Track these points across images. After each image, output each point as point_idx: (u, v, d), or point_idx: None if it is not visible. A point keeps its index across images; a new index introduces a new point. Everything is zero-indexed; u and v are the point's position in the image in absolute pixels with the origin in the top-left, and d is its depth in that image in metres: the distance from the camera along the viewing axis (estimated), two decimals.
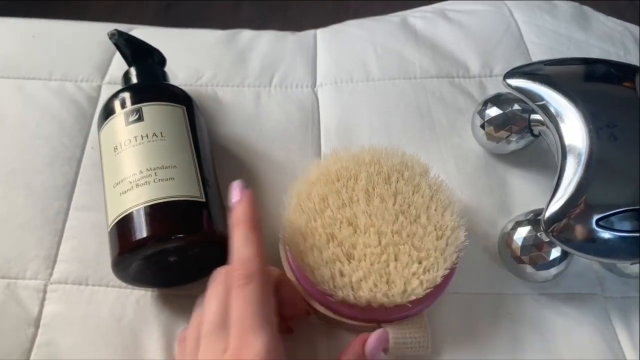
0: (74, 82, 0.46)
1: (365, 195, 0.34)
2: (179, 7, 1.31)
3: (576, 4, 0.54)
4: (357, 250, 0.32)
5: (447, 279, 0.33)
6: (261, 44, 0.50)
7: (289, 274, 0.35)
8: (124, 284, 0.35)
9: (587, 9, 0.54)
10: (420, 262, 0.32)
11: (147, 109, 0.36)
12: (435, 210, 0.34)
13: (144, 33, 0.49)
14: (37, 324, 0.35)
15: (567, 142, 0.34)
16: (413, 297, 0.32)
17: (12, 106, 0.45)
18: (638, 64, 0.48)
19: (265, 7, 1.32)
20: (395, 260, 0.32)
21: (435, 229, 0.33)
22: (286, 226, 0.34)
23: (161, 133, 0.35)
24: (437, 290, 0.33)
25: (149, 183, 0.32)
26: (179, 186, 0.33)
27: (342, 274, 0.32)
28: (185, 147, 0.35)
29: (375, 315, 0.33)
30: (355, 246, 0.32)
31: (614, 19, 0.53)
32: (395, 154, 0.36)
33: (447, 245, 0.33)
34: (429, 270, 0.32)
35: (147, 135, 0.34)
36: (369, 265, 0.32)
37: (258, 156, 0.42)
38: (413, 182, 0.35)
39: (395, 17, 0.53)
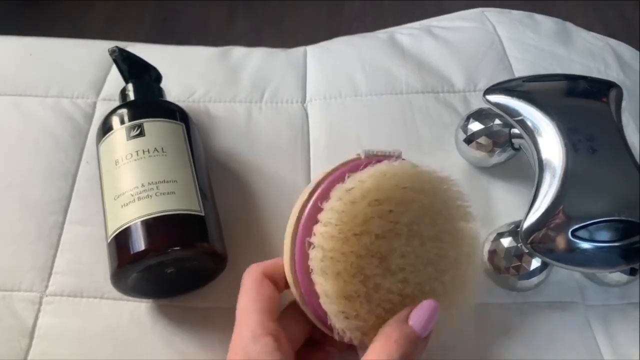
0: (70, 99, 0.48)
1: (407, 232, 0.30)
2: (174, 22, 1.33)
3: (559, 20, 0.56)
4: (379, 294, 0.29)
5: None
6: (252, 61, 0.51)
7: (295, 291, 0.31)
8: (118, 296, 0.36)
9: (569, 24, 0.55)
10: None
11: (149, 124, 0.37)
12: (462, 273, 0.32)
13: (137, 50, 0.50)
14: (31, 335, 0.35)
15: (543, 155, 0.35)
16: None
17: (9, 122, 0.46)
18: (618, 78, 0.49)
19: (259, 20, 1.34)
20: None
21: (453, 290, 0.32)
22: (324, 242, 0.29)
23: (162, 148, 0.36)
24: None
25: (150, 197, 0.33)
26: (180, 200, 0.34)
27: (356, 316, 0.29)
28: (185, 163, 0.36)
29: None
30: (379, 289, 0.29)
31: (595, 34, 0.55)
32: (447, 186, 0.32)
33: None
34: None
35: (148, 150, 0.36)
36: (383, 314, 0.30)
37: (249, 170, 0.43)
38: (454, 227, 0.32)
39: (382, 34, 0.54)
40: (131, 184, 0.34)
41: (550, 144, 0.35)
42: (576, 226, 0.33)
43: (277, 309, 0.31)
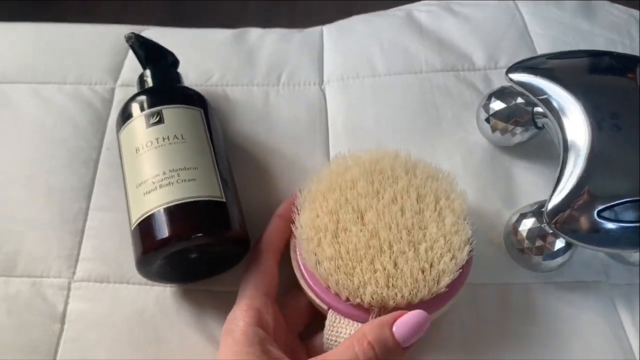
0: (88, 85, 0.48)
1: (390, 199, 0.34)
2: (186, 4, 1.32)
3: None
4: (346, 235, 0.33)
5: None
6: (268, 42, 0.51)
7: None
8: (144, 281, 0.37)
9: None
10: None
11: (168, 111, 0.37)
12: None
13: (153, 34, 0.50)
14: (62, 320, 0.36)
15: (568, 134, 0.35)
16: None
17: (29, 111, 0.46)
18: None
19: (273, 1, 1.32)
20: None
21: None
22: (313, 184, 0.35)
23: (182, 135, 0.36)
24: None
25: (172, 184, 0.34)
26: (201, 187, 0.34)
27: (319, 245, 0.33)
28: (205, 149, 0.36)
29: None
30: (346, 231, 0.33)
31: (620, 7, 0.53)
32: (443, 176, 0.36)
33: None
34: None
35: (168, 138, 0.36)
36: (344, 252, 0.32)
37: (268, 153, 0.43)
38: (442, 211, 0.34)
39: (400, 12, 0.53)
40: (152, 171, 0.34)
41: (575, 123, 0.35)
42: (601, 206, 0.33)
43: (272, 283, 0.34)
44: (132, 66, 0.49)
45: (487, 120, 0.41)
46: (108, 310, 0.37)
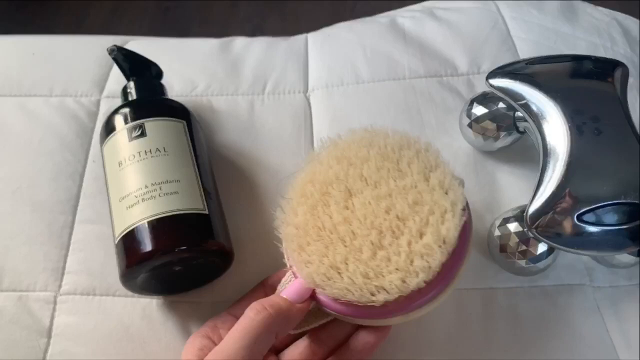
0: (74, 97, 0.48)
1: (387, 190, 0.32)
2: (176, 9, 1.32)
3: None
4: (323, 210, 0.32)
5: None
6: (253, 52, 0.51)
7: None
8: (130, 293, 0.37)
9: (575, 1, 0.54)
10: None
11: (150, 124, 0.37)
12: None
13: (138, 44, 0.50)
14: (49, 334, 0.36)
15: (548, 139, 0.35)
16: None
17: (16, 124, 0.46)
18: (625, 54, 0.49)
19: (262, 5, 1.33)
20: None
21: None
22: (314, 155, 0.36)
23: (164, 148, 0.36)
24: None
25: (154, 197, 0.34)
26: (183, 199, 0.34)
27: (296, 214, 0.33)
28: (187, 161, 0.36)
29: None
30: (326, 208, 0.32)
31: (602, 9, 0.53)
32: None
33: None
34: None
35: (150, 151, 0.36)
36: (315, 229, 0.32)
37: (253, 163, 0.43)
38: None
39: (384, 18, 0.53)
40: (135, 185, 0.34)
41: (555, 127, 0.35)
42: (582, 210, 0.33)
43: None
44: (117, 77, 0.49)
45: (470, 125, 0.41)
46: (94, 323, 0.37)
